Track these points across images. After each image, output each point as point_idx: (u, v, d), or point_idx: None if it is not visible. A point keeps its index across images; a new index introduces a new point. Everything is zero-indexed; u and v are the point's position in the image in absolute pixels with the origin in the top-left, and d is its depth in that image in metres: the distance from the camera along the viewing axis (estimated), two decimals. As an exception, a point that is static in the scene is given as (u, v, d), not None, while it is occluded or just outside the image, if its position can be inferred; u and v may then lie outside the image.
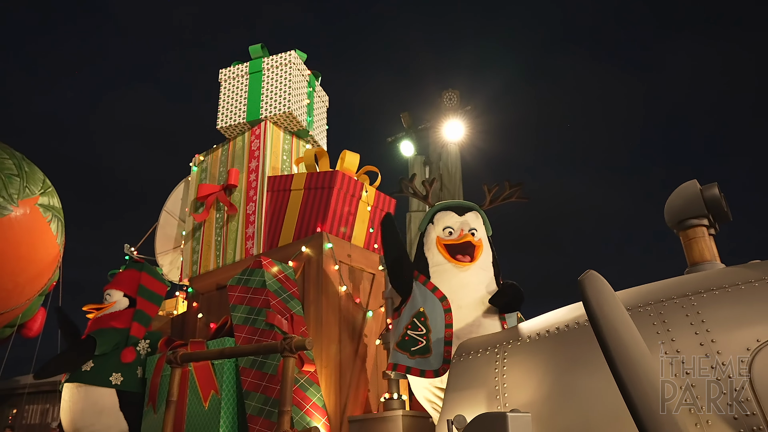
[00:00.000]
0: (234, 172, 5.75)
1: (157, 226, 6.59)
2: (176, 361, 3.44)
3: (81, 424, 4.63)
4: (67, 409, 4.72)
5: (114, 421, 4.73)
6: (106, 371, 4.78)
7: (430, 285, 3.72)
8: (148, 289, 5.25)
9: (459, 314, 3.61)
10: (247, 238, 5.44)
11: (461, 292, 3.68)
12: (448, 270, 3.77)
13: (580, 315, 3.04)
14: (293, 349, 2.93)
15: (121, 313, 5.10)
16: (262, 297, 4.47)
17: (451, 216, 3.93)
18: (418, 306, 3.64)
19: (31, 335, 5.74)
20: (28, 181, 4.73)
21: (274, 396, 4.03)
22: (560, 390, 2.79)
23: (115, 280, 5.36)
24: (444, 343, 3.50)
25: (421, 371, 3.47)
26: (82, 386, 4.72)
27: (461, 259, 3.77)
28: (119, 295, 5.23)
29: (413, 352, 3.52)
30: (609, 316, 1.46)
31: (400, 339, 3.60)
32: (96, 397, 4.71)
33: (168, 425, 3.35)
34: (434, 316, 3.59)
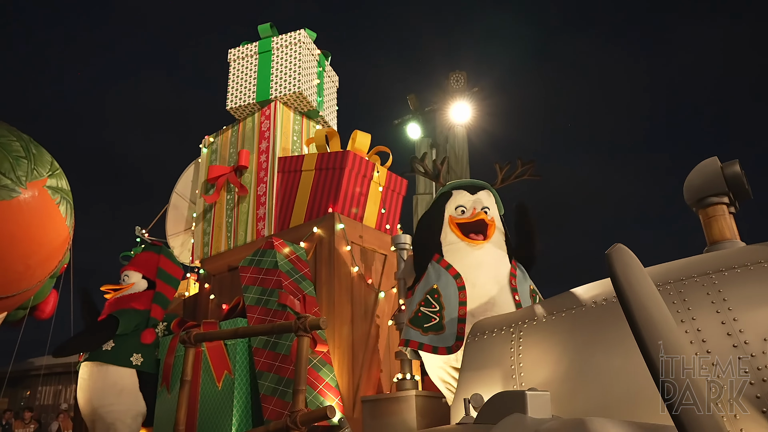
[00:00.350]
0: (244, 154, 5.71)
1: (168, 208, 6.58)
2: (190, 341, 3.44)
3: (100, 404, 4.66)
4: (86, 388, 4.74)
5: (133, 401, 4.77)
6: (127, 351, 4.81)
7: (444, 263, 3.70)
8: (167, 272, 5.26)
9: (473, 292, 3.58)
10: (258, 220, 5.42)
11: (476, 271, 3.66)
12: (462, 249, 3.74)
13: (597, 294, 3.01)
14: (307, 329, 2.91)
15: (140, 294, 5.11)
16: (274, 278, 4.46)
17: (464, 195, 3.89)
18: (431, 283, 3.61)
19: (43, 317, 5.76)
20: (36, 164, 4.71)
21: (288, 376, 4.04)
22: (578, 369, 2.76)
23: (134, 261, 5.36)
24: (458, 321, 3.48)
25: (433, 348, 3.46)
26: (102, 366, 4.74)
27: (474, 238, 3.74)
28: (137, 277, 5.23)
29: (426, 328, 3.50)
30: (637, 291, 1.42)
31: (413, 315, 3.58)
32: (116, 377, 4.74)
33: (182, 404, 3.36)
34: (448, 293, 3.57)
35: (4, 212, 4.32)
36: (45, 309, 5.64)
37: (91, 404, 4.71)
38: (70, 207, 5.00)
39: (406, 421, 3.98)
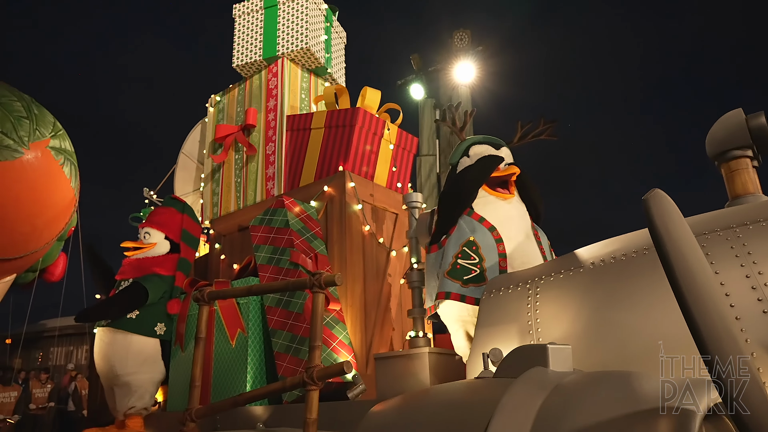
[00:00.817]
0: (252, 112, 5.61)
1: (176, 168, 6.53)
2: (203, 299, 3.42)
3: (123, 371, 4.70)
4: (108, 355, 4.74)
5: (156, 368, 4.82)
6: (152, 321, 4.82)
7: (476, 215, 3.64)
8: (191, 233, 5.20)
9: (509, 245, 3.55)
10: (268, 179, 5.36)
11: (507, 224, 3.61)
12: (492, 202, 3.68)
13: (615, 250, 2.96)
14: (322, 285, 2.88)
15: (164, 259, 5.05)
16: (286, 237, 4.43)
17: (488, 149, 3.82)
18: (467, 235, 3.55)
19: (53, 279, 5.78)
20: (38, 124, 4.64)
21: (301, 334, 4.05)
22: (596, 324, 2.74)
23: (156, 218, 5.22)
24: (499, 272, 3.45)
25: (476, 300, 3.42)
26: (126, 334, 4.74)
27: (502, 192, 3.68)
28: (160, 237, 5.15)
29: (466, 280, 3.46)
30: (675, 238, 1.36)
31: (450, 268, 3.53)
32: (141, 346, 4.76)
33: (198, 362, 3.36)
34: (487, 245, 3.53)
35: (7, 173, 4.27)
36: (54, 272, 5.64)
37: (113, 371, 4.75)
38: (75, 168, 4.93)
39: (419, 378, 4.00)
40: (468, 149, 3.89)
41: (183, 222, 5.26)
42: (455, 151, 3.97)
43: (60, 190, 4.73)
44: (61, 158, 4.69)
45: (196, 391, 3.34)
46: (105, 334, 4.86)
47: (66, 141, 4.83)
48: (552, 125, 4.00)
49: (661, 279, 2.70)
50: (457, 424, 2.08)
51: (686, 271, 1.34)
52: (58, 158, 4.67)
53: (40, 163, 4.55)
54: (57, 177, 4.69)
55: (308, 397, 2.74)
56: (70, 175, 4.83)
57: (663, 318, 2.54)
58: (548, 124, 4.01)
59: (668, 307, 2.54)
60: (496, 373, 2.36)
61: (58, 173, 4.70)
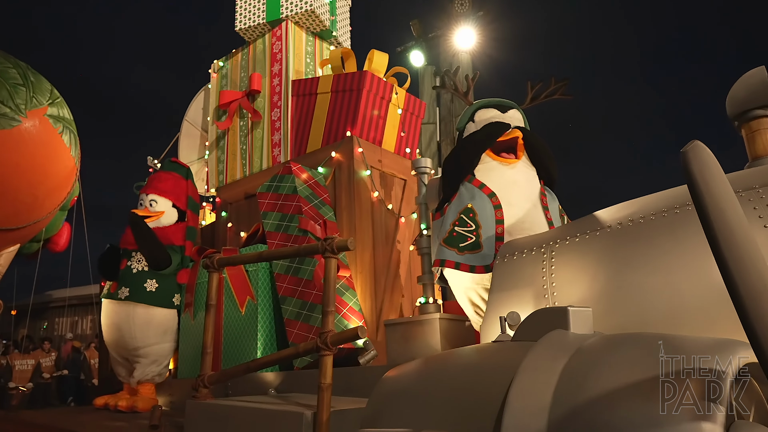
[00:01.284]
0: (256, 77, 5.49)
1: (180, 136, 6.43)
2: (213, 266, 3.39)
3: (145, 343, 4.72)
4: (127, 327, 4.73)
5: (174, 337, 4.89)
6: (170, 293, 4.83)
7: (477, 182, 3.58)
8: (195, 201, 5.16)
9: (510, 212, 3.49)
10: (274, 146, 5.28)
11: (510, 190, 3.55)
12: (495, 168, 3.62)
13: (633, 213, 2.90)
14: (335, 250, 2.84)
15: (175, 228, 5.00)
16: (294, 203, 4.37)
17: (494, 113, 3.73)
18: (465, 202, 3.51)
19: (57, 250, 5.74)
20: (34, 91, 4.53)
21: (311, 300, 4.03)
22: (614, 288, 2.69)
23: (160, 185, 5.13)
24: (495, 239, 3.41)
25: (470, 267, 3.39)
26: (147, 307, 4.74)
27: (506, 157, 3.61)
28: (167, 205, 5.08)
29: (462, 248, 3.43)
30: (715, 192, 1.30)
31: (447, 235, 3.49)
32: (161, 318, 4.78)
33: (209, 329, 3.36)
34: (484, 212, 3.49)
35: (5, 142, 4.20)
36: (59, 242, 5.61)
37: (134, 343, 4.75)
38: (75, 137, 4.83)
39: (429, 344, 3.99)
40: (474, 114, 3.80)
41: (188, 189, 5.20)
42: (461, 116, 3.88)
43: (60, 159, 4.65)
44: (59, 126, 4.59)
45: (208, 358, 3.34)
46: (121, 307, 4.81)
47: (64, 109, 4.73)
48: (564, 84, 3.89)
49: (681, 242, 2.66)
50: (478, 386, 2.05)
51: (725, 227, 1.28)
52: (57, 126, 4.57)
53: (38, 131, 4.46)
54: (56, 145, 4.60)
55: (322, 363, 2.72)
56: (69, 143, 4.74)
57: (684, 281, 2.49)
58: (560, 83, 3.90)
59: (690, 270, 2.49)
60: (514, 337, 2.33)
61: (57, 142, 4.61)
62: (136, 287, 4.77)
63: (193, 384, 3.30)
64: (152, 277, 4.79)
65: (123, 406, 4.56)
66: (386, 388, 2.50)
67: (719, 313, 2.38)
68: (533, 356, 1.94)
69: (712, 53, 31.73)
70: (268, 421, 2.78)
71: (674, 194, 2.88)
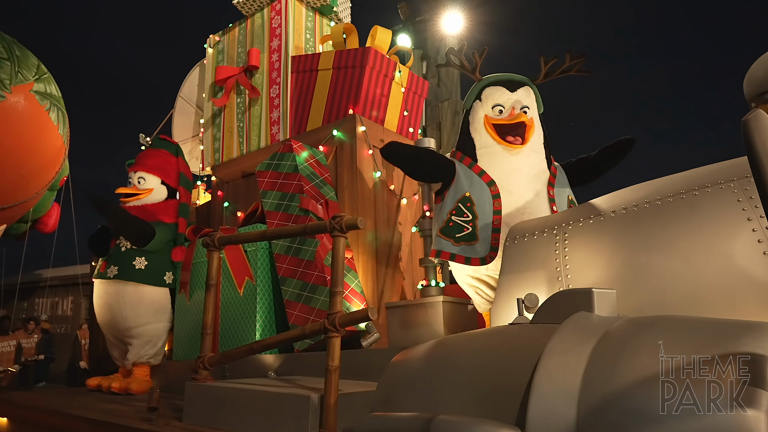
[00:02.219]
0: (254, 53, 5.33)
1: (173, 113, 6.26)
2: (214, 245, 3.28)
3: (137, 323, 4.59)
4: (119, 307, 4.59)
5: (167, 317, 4.75)
6: (160, 270, 4.67)
7: (477, 168, 3.46)
8: (187, 177, 5.00)
9: (509, 200, 3.38)
10: (272, 123, 5.14)
11: (512, 177, 3.43)
12: (498, 153, 3.49)
13: (648, 195, 2.83)
14: (344, 229, 2.74)
15: (165, 205, 4.84)
16: (295, 182, 4.26)
17: (502, 92, 3.58)
18: (463, 190, 3.40)
19: (46, 231, 5.58)
20: (20, 66, 4.34)
21: (313, 282, 3.93)
22: (632, 270, 2.62)
23: (149, 162, 4.97)
24: (492, 230, 3.30)
25: (466, 258, 3.31)
26: (137, 286, 4.60)
27: (512, 141, 3.47)
28: (156, 182, 4.92)
29: (458, 238, 3.34)
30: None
31: (444, 225, 3.40)
32: (153, 297, 4.64)
33: (209, 308, 3.25)
34: (481, 201, 3.37)
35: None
36: (48, 222, 5.44)
37: (125, 323, 4.62)
38: (63, 114, 4.63)
39: (432, 327, 3.92)
40: (481, 92, 3.66)
41: (179, 165, 5.04)
42: (469, 93, 3.74)
43: (47, 138, 4.46)
44: (46, 103, 4.40)
45: (208, 339, 3.24)
46: (111, 286, 4.69)
47: (51, 85, 4.54)
48: (581, 60, 3.73)
49: (702, 224, 2.58)
50: (498, 370, 1.97)
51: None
52: (44, 103, 4.39)
53: (24, 108, 4.27)
54: (43, 123, 4.41)
55: (330, 344, 2.63)
56: (57, 121, 4.55)
57: (706, 264, 2.43)
58: (575, 59, 3.74)
59: (711, 252, 2.43)
60: (534, 319, 2.25)
61: (44, 119, 4.43)
62: (125, 265, 4.64)
63: (192, 365, 3.20)
64: (141, 254, 4.65)
65: (116, 388, 4.45)
66: (398, 371, 2.42)
67: (742, 296, 2.33)
68: (559, 339, 1.86)
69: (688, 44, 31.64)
70: (273, 404, 2.69)
71: (692, 176, 2.81)
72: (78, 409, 3.57)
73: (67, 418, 3.39)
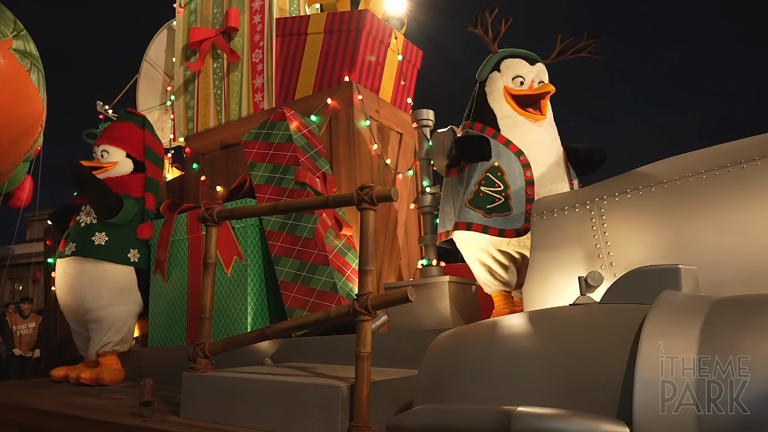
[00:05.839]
0: (233, 13, 4.89)
1: (138, 78, 5.73)
2: (213, 220, 2.92)
3: (96, 304, 4.10)
4: (77, 286, 4.12)
5: (134, 299, 4.25)
6: (123, 247, 4.18)
7: (502, 138, 3.28)
8: (155, 151, 4.51)
9: (536, 170, 3.24)
10: (255, 91, 4.74)
11: (537, 148, 3.28)
12: (521, 123, 3.33)
13: (690, 168, 2.69)
14: (374, 201, 2.45)
15: (131, 179, 4.36)
16: (289, 153, 3.91)
17: (523, 64, 3.41)
18: (491, 161, 3.20)
19: (19, 205, 5.02)
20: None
21: (312, 261, 3.63)
22: (683, 247, 2.48)
23: (112, 134, 4.50)
24: (526, 201, 3.13)
25: (500, 230, 3.11)
26: (97, 263, 4.11)
27: (533, 112, 3.32)
28: (121, 155, 4.44)
29: (489, 209, 3.14)
30: None
31: (472, 196, 3.19)
32: (115, 275, 4.15)
33: (208, 290, 2.90)
34: (512, 171, 3.21)
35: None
36: (21, 196, 4.90)
37: (84, 304, 4.14)
38: (42, 77, 4.17)
39: (437, 308, 3.70)
40: (500, 63, 3.47)
41: (145, 138, 4.58)
42: (485, 64, 3.54)
43: (28, 102, 3.99)
44: (27, 63, 3.93)
45: (207, 324, 2.90)
46: (71, 266, 4.21)
47: (30, 43, 4.05)
48: (596, 40, 3.58)
49: (756, 198, 2.45)
50: (579, 355, 1.76)
51: None
52: (24, 63, 3.91)
53: (4, 68, 3.78)
54: (24, 85, 3.94)
55: (361, 329, 2.35)
56: (38, 83, 4.08)
57: (764, 239, 2.30)
58: (592, 38, 3.59)
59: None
60: (605, 299, 2.05)
61: (25, 81, 3.95)
62: (83, 241, 4.18)
63: (189, 353, 2.85)
64: (102, 229, 4.18)
65: (87, 378, 4.01)
66: (444, 357, 2.17)
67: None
68: (656, 320, 1.66)
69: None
70: (293, 395, 2.40)
71: (736, 148, 2.68)
72: (51, 405, 3.16)
73: (40, 416, 2.98)
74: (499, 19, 3.36)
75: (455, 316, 3.70)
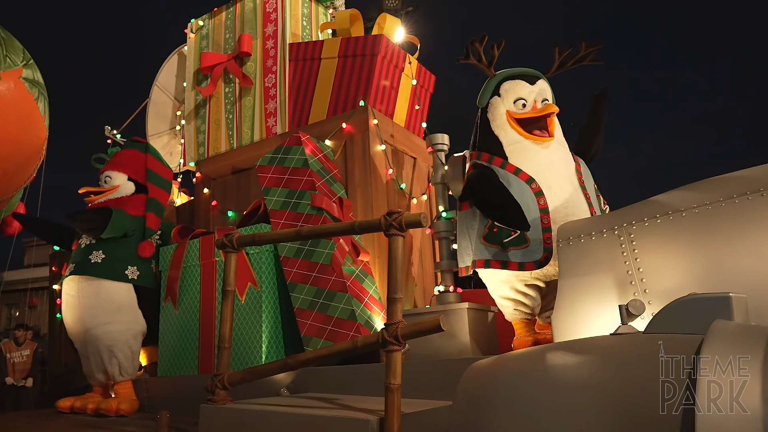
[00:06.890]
0: (246, 38, 4.89)
1: (148, 104, 5.71)
2: (232, 246, 2.85)
3: (94, 323, 3.98)
4: (76, 306, 4.05)
5: (133, 318, 4.12)
6: (121, 264, 4.09)
7: (511, 167, 3.19)
8: (158, 173, 4.47)
9: (550, 196, 3.15)
10: (268, 115, 4.71)
11: (548, 172, 3.20)
12: (528, 148, 3.25)
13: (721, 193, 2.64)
14: (403, 227, 2.39)
15: (130, 198, 4.33)
16: (304, 178, 3.86)
17: (523, 85, 3.33)
18: None
19: (10, 232, 4.98)
20: (7, 50, 3.90)
21: (329, 288, 3.55)
22: (720, 273, 2.42)
23: (115, 160, 4.52)
24: (542, 230, 3.05)
25: (519, 264, 3.02)
26: (93, 280, 4.03)
27: (540, 135, 3.25)
28: (123, 178, 4.43)
29: (506, 243, 3.05)
30: None
31: (486, 231, 3.11)
32: (111, 293, 4.05)
33: (227, 318, 2.82)
34: (524, 201, 3.10)
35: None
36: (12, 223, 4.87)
37: (83, 324, 4.03)
38: (47, 105, 4.22)
39: (456, 336, 3.62)
40: (499, 87, 3.40)
41: (147, 161, 4.55)
42: (484, 89, 3.48)
43: (34, 129, 4.04)
44: (35, 92, 4.00)
45: (226, 354, 2.80)
46: (70, 285, 4.14)
47: (37, 72, 4.12)
48: (595, 49, 3.53)
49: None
50: (629, 389, 1.68)
51: None
52: (33, 92, 3.98)
53: (14, 96, 3.82)
54: (31, 113, 4.00)
55: (390, 360, 2.27)
56: (44, 112, 4.14)
57: (806, 266, 2.24)
58: (590, 47, 3.53)
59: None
60: (648, 328, 1.97)
61: (33, 109, 4.01)
62: (81, 260, 4.13)
63: (207, 384, 2.75)
64: (99, 248, 4.12)
65: (106, 409, 3.85)
66: (479, 390, 2.08)
67: None
68: (713, 352, 1.59)
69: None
70: (320, 430, 2.30)
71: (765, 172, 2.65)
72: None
73: (51, 450, 2.87)
74: (491, 44, 3.32)
75: (473, 344, 3.62)
